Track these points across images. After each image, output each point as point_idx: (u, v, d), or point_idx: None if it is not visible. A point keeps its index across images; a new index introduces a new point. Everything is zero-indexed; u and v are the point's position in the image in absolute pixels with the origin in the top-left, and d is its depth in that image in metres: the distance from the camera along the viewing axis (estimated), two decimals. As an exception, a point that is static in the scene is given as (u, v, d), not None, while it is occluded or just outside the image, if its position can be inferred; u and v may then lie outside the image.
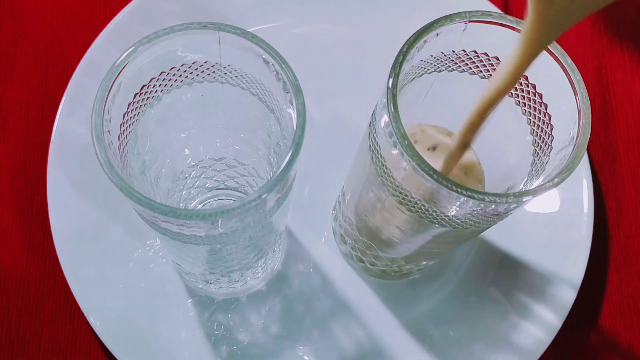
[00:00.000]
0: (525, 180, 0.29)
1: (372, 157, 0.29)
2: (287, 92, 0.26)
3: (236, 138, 0.33)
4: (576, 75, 0.27)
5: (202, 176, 0.35)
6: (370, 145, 0.29)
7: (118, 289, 0.40)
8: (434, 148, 0.32)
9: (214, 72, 0.28)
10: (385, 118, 0.26)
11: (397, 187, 0.28)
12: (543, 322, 0.40)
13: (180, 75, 0.28)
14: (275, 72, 0.26)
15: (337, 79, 0.46)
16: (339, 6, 0.47)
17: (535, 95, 0.29)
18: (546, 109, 0.29)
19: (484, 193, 0.25)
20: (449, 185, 0.25)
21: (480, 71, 0.30)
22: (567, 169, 0.25)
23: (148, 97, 0.27)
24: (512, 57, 0.24)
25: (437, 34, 0.27)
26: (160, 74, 0.27)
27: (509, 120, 0.31)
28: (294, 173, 0.26)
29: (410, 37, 0.27)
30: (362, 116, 0.37)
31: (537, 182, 0.28)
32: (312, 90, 0.43)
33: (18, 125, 0.45)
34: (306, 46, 0.46)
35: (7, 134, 0.45)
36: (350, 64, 0.46)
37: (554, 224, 0.43)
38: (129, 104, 0.26)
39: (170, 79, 0.27)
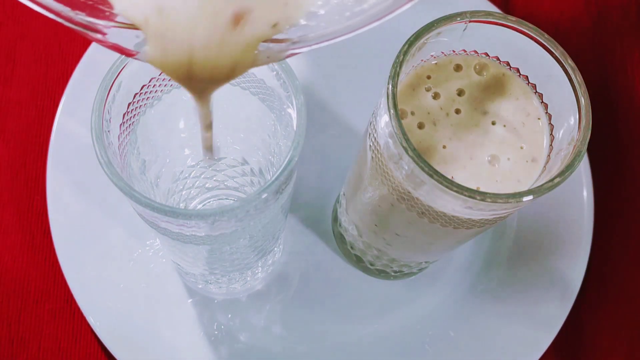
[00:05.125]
0: (525, 180, 0.29)
1: (372, 156, 0.29)
2: (287, 92, 0.26)
3: (236, 138, 0.33)
4: (576, 76, 0.27)
5: (202, 176, 0.35)
6: (370, 145, 0.29)
7: (118, 289, 0.40)
8: None
9: (214, 72, 0.28)
10: (385, 118, 0.26)
11: (397, 186, 0.28)
12: (543, 322, 0.40)
13: (181, 75, 0.27)
14: (275, 72, 0.26)
15: (337, 78, 0.46)
16: (339, 6, 0.47)
17: (535, 95, 0.29)
18: (546, 109, 0.29)
19: (484, 193, 0.25)
20: (449, 185, 0.25)
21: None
22: (567, 169, 0.25)
23: (148, 97, 0.27)
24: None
25: (437, 34, 0.27)
26: (160, 74, 0.27)
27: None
28: (294, 173, 0.26)
29: (410, 37, 0.27)
30: (362, 116, 0.37)
31: (537, 182, 0.28)
32: (312, 90, 0.43)
33: (18, 125, 0.45)
34: (306, 46, 0.46)
35: (7, 134, 0.45)
36: (351, 63, 0.46)
37: (554, 224, 0.43)
38: (129, 104, 0.26)
39: (170, 79, 0.27)
